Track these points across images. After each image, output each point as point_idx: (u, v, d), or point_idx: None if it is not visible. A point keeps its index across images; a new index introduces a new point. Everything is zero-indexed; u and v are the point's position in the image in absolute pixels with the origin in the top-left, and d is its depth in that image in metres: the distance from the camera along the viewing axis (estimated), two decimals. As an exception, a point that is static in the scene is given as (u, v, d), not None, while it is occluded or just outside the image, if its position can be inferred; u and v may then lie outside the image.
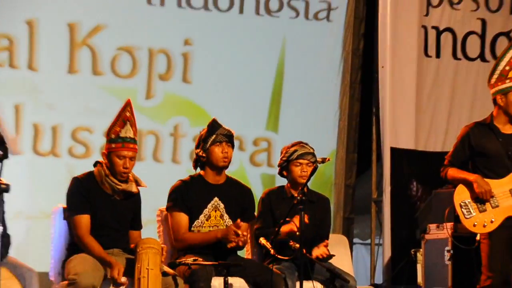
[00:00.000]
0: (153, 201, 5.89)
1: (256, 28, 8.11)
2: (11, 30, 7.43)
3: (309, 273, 5.33)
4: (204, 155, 5.71)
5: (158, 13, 7.83)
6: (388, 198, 7.99)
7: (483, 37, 8.43)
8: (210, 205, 5.71)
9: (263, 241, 5.58)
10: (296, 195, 5.38)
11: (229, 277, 5.37)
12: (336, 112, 8.31)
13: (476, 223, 5.58)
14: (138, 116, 5.55)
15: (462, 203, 5.62)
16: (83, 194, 5.37)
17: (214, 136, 5.70)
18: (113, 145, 5.38)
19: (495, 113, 5.71)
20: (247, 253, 6.02)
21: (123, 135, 5.38)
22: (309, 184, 5.71)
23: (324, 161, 5.34)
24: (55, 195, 6.33)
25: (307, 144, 5.98)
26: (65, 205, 5.46)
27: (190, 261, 5.32)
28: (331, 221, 6.25)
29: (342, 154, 8.32)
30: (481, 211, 5.58)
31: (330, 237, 6.05)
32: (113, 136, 5.39)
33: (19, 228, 6.92)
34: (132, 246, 5.32)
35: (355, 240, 9.53)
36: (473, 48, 8.38)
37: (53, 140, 7.51)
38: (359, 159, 8.48)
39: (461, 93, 8.32)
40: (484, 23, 8.42)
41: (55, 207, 5.57)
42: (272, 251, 5.47)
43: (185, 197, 5.68)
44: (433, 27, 8.28)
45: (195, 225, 5.68)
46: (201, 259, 5.39)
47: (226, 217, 5.72)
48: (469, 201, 5.62)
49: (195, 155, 5.79)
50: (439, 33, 8.30)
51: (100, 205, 5.38)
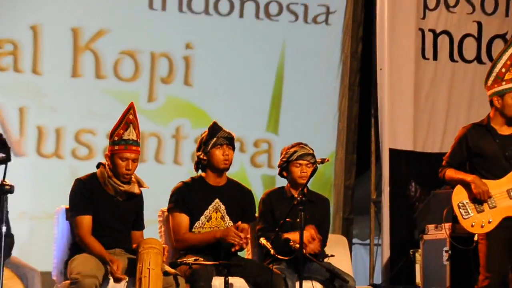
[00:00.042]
0: (155, 202, 5.91)
1: (256, 31, 8.12)
2: (15, 35, 7.46)
3: (302, 270, 5.28)
4: (205, 158, 5.71)
5: (159, 17, 7.84)
6: (387, 198, 7.98)
7: (479, 40, 8.41)
8: (211, 206, 5.72)
9: (263, 241, 5.58)
10: (296, 195, 5.40)
11: (229, 277, 5.38)
12: (335, 114, 8.30)
13: (474, 224, 5.55)
14: (140, 118, 5.58)
15: (460, 204, 5.60)
16: (85, 195, 5.39)
17: (215, 139, 5.70)
18: (116, 147, 5.40)
19: (492, 115, 5.70)
20: (247, 253, 6.02)
21: (126, 137, 5.40)
22: (309, 185, 5.73)
23: (323, 161, 5.34)
24: (58, 196, 6.41)
25: (306, 145, 5.98)
26: (68, 206, 5.49)
27: (191, 261, 5.33)
28: (330, 222, 6.24)
29: (341, 155, 8.31)
30: (479, 212, 5.55)
31: (329, 237, 6.06)
32: (116, 138, 5.41)
33: (22, 228, 6.93)
34: (134, 246, 5.34)
35: (354, 240, 9.42)
36: (469, 50, 8.36)
37: (56, 142, 7.53)
38: (358, 160, 8.46)
39: (458, 94, 8.30)
40: (480, 25, 8.40)
41: (58, 207, 5.59)
42: (272, 251, 5.47)
43: (186, 198, 5.68)
44: (430, 30, 8.26)
45: (196, 226, 5.68)
46: (202, 259, 5.40)
47: (227, 218, 5.72)
48: (467, 201, 5.59)
49: (196, 157, 5.79)
50: (436, 35, 8.28)
51: (102, 206, 5.40)
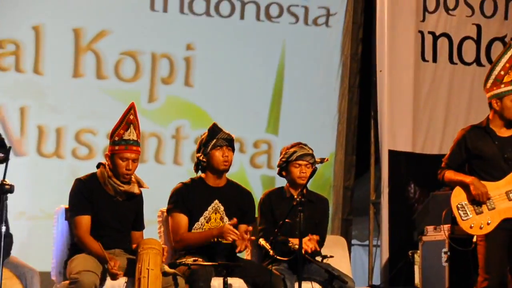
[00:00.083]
0: (155, 202, 5.92)
1: (256, 33, 8.12)
2: (17, 35, 7.47)
3: (301, 271, 5.28)
4: (204, 159, 5.71)
5: (161, 19, 7.85)
6: (386, 200, 7.97)
7: (478, 42, 8.41)
8: (210, 207, 5.71)
9: (262, 241, 5.60)
10: (296, 195, 5.41)
11: (228, 278, 5.39)
12: (335, 115, 8.31)
13: (472, 225, 5.57)
14: (141, 118, 5.59)
15: (459, 205, 5.61)
16: (85, 195, 5.39)
17: (214, 140, 5.70)
18: (117, 147, 5.41)
19: (491, 117, 5.72)
20: (246, 254, 6.01)
21: (126, 137, 5.40)
22: (308, 186, 5.74)
23: (322, 161, 5.36)
24: (58, 196, 6.43)
25: (306, 145, 5.98)
26: (67, 206, 5.50)
27: (190, 261, 5.34)
28: (328, 222, 6.24)
29: (341, 156, 8.31)
30: (477, 213, 5.57)
31: (328, 238, 6.08)
32: (117, 138, 5.41)
33: (22, 228, 6.94)
34: (134, 246, 5.35)
35: (353, 241, 9.40)
36: (469, 53, 8.36)
37: (57, 142, 7.54)
38: (358, 162, 8.46)
39: (458, 96, 8.29)
40: (479, 28, 8.39)
41: (57, 207, 5.60)
42: (271, 252, 5.48)
43: (186, 199, 5.68)
44: (429, 32, 8.25)
45: (195, 227, 5.68)
46: (201, 260, 5.41)
47: (226, 219, 5.71)
48: (466, 203, 5.60)
49: (196, 159, 5.79)
50: (435, 38, 8.28)
51: (102, 206, 5.41)
